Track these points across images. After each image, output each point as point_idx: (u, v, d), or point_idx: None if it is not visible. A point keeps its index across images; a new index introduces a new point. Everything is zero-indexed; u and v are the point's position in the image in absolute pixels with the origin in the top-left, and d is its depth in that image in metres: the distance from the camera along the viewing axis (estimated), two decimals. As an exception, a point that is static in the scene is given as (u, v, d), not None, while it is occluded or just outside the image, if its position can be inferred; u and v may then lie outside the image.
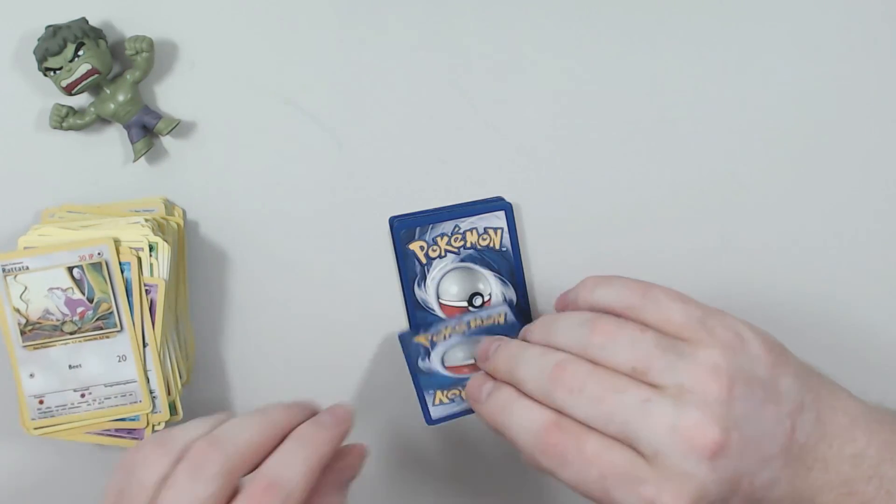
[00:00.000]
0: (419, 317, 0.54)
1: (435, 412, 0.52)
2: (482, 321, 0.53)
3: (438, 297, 0.54)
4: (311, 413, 0.44)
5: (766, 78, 0.54)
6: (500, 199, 0.54)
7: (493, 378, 0.46)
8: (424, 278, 0.54)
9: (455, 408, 0.53)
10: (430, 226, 0.53)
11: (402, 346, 0.53)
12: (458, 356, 0.53)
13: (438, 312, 0.54)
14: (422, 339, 0.53)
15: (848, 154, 0.55)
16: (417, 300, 0.54)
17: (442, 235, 0.53)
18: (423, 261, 0.53)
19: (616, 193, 0.55)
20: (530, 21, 0.54)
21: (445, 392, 0.52)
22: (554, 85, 0.54)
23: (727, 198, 0.54)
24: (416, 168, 0.54)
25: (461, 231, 0.53)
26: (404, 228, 0.53)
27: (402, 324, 0.54)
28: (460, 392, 0.52)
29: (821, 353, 0.47)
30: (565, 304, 0.48)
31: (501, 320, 0.53)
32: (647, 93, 0.54)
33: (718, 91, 0.54)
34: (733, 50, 0.54)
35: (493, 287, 0.54)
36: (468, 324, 0.53)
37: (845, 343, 0.48)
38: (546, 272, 0.55)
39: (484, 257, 0.54)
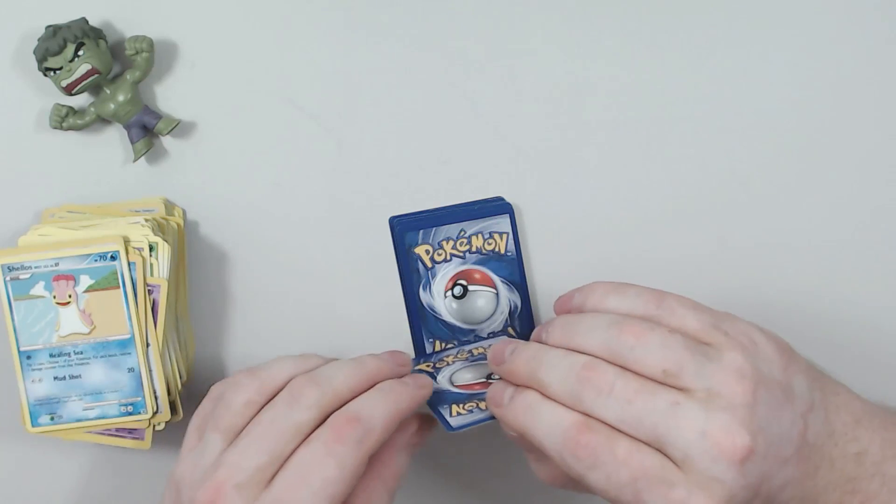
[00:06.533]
0: (421, 317, 0.54)
1: (455, 421, 0.47)
2: (484, 350, 0.52)
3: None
4: (400, 366, 0.47)
5: (767, 78, 0.54)
6: (500, 198, 0.54)
7: (512, 383, 0.45)
8: (430, 282, 0.53)
9: (475, 416, 0.48)
10: (434, 229, 0.53)
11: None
12: (467, 376, 0.51)
13: (445, 317, 0.54)
14: (423, 367, 0.51)
15: (848, 154, 0.55)
16: (422, 304, 0.53)
17: (447, 239, 0.53)
18: (429, 265, 0.53)
19: (617, 194, 0.55)
20: (531, 21, 0.54)
21: (462, 405, 0.48)
22: (555, 85, 0.54)
23: (729, 199, 0.54)
24: (416, 168, 0.54)
25: (467, 235, 0.53)
26: (404, 229, 0.53)
27: (403, 324, 0.54)
28: (477, 403, 0.48)
29: (821, 353, 0.48)
30: (568, 309, 0.47)
31: None
32: (648, 93, 0.54)
33: (719, 92, 0.54)
34: (734, 50, 0.54)
35: (499, 291, 0.54)
36: (471, 352, 0.52)
37: (845, 343, 0.48)
38: (547, 275, 0.55)
39: (489, 262, 0.54)
